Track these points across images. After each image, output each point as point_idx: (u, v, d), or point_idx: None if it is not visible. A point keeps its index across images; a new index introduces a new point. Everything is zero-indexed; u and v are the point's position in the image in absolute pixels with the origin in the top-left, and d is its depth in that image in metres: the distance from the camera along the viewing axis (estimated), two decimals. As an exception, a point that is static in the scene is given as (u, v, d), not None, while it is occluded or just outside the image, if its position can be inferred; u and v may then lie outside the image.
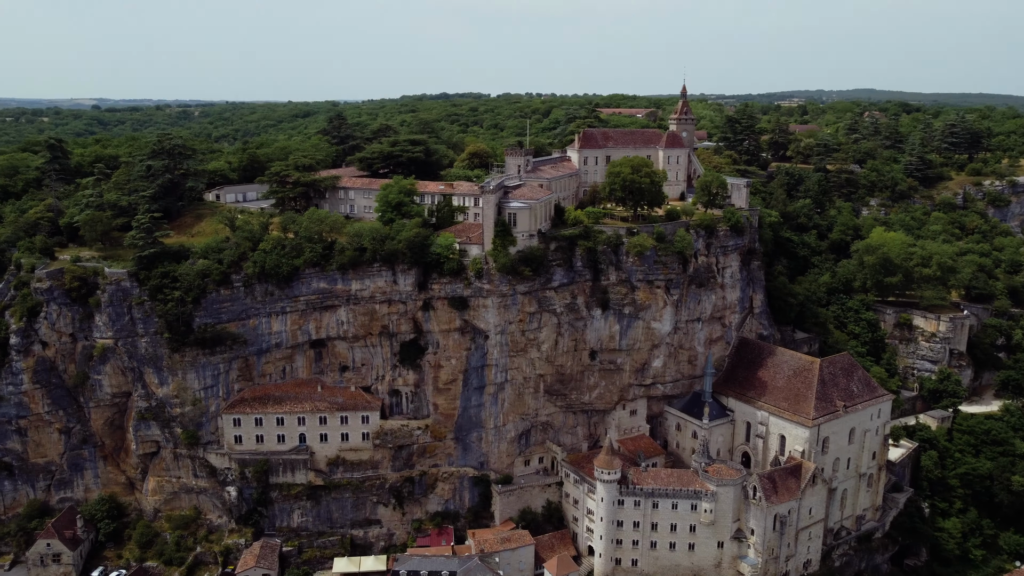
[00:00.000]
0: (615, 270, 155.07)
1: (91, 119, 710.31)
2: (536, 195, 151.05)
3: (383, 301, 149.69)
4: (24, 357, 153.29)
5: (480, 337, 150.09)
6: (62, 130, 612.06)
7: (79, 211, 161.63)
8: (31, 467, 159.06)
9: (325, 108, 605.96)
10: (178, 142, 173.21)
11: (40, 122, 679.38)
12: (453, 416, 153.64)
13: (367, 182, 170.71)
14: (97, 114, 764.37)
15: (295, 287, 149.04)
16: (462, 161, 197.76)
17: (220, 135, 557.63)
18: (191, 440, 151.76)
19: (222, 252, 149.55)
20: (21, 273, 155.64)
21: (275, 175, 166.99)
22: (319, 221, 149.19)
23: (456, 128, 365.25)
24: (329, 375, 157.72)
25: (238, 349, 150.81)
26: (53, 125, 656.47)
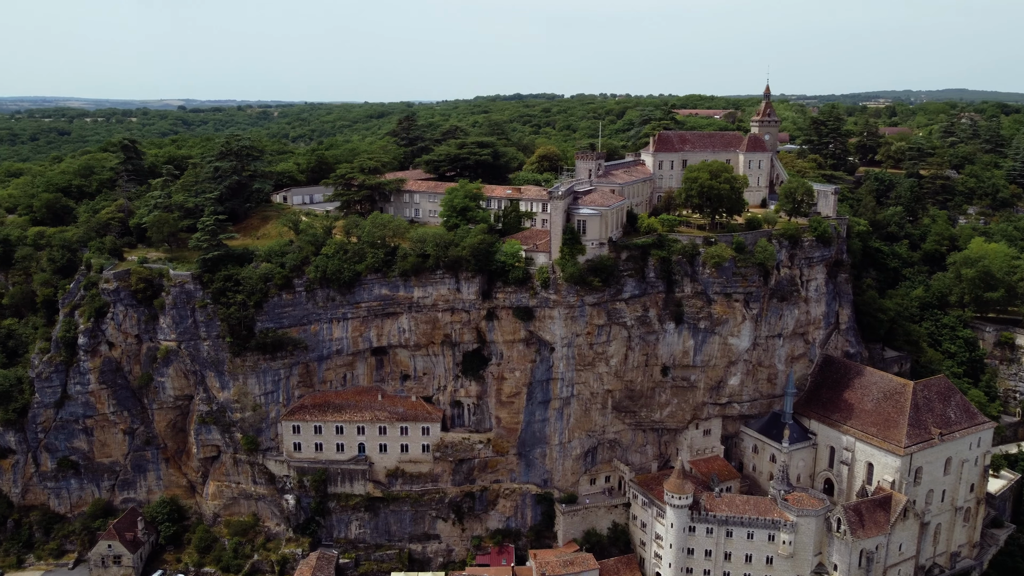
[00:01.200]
0: (690, 282, 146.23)
1: (176, 119, 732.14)
2: (607, 201, 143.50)
3: (446, 309, 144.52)
4: (91, 357, 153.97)
5: (546, 349, 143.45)
6: (148, 130, 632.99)
7: (147, 212, 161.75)
8: (96, 466, 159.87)
9: (399, 109, 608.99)
10: (246, 143, 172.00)
11: (129, 122, 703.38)
12: (516, 430, 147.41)
13: (433, 185, 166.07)
14: (182, 114, 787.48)
15: (357, 293, 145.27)
16: (531, 164, 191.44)
17: (297, 135, 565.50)
18: (251, 446, 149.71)
19: (285, 256, 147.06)
20: (91, 273, 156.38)
21: (340, 177, 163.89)
22: (382, 226, 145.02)
23: (528, 129, 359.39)
24: (390, 384, 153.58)
25: (299, 355, 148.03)
26: (140, 125, 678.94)
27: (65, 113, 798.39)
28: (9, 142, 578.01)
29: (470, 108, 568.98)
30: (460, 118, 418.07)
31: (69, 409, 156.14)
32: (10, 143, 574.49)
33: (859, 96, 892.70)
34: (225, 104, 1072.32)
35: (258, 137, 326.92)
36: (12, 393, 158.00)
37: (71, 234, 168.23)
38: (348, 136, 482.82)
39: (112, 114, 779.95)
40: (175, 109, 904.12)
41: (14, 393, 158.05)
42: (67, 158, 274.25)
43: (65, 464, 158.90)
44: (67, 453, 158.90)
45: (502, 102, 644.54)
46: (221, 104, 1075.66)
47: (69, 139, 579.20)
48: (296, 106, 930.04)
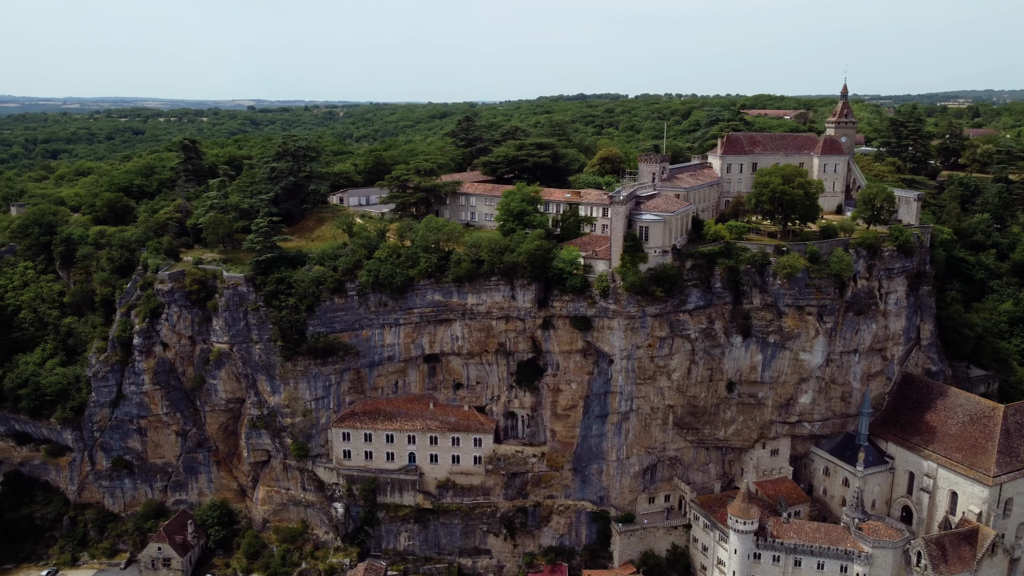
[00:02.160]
0: (759, 293, 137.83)
1: (244, 119, 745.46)
2: (671, 207, 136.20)
3: (500, 317, 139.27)
4: (145, 357, 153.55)
5: (604, 361, 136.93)
6: (218, 129, 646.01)
7: (204, 213, 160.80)
8: (149, 467, 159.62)
9: (462, 109, 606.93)
10: (302, 144, 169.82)
11: (200, 122, 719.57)
12: (572, 445, 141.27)
13: (489, 188, 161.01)
14: (251, 114, 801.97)
15: (409, 298, 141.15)
16: (592, 167, 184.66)
17: (360, 135, 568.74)
18: (300, 452, 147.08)
19: (338, 259, 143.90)
20: (147, 273, 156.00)
21: (395, 179, 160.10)
22: (436, 229, 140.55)
23: (590, 130, 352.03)
24: (442, 392, 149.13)
25: (350, 360, 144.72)
26: (211, 125, 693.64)
27: (140, 113, 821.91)
28: (87, 141, 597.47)
29: (532, 108, 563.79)
30: (522, 118, 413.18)
31: (124, 409, 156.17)
32: (88, 142, 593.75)
33: (937, 96, 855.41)
34: (293, 104, 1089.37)
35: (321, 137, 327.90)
36: (70, 392, 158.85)
37: (130, 234, 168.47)
38: (410, 136, 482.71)
39: (184, 114, 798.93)
40: (244, 109, 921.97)
41: (72, 392, 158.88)
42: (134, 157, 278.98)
43: (119, 464, 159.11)
44: (121, 453, 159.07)
45: (565, 102, 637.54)
46: (289, 104, 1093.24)
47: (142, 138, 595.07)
48: (361, 106, 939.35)
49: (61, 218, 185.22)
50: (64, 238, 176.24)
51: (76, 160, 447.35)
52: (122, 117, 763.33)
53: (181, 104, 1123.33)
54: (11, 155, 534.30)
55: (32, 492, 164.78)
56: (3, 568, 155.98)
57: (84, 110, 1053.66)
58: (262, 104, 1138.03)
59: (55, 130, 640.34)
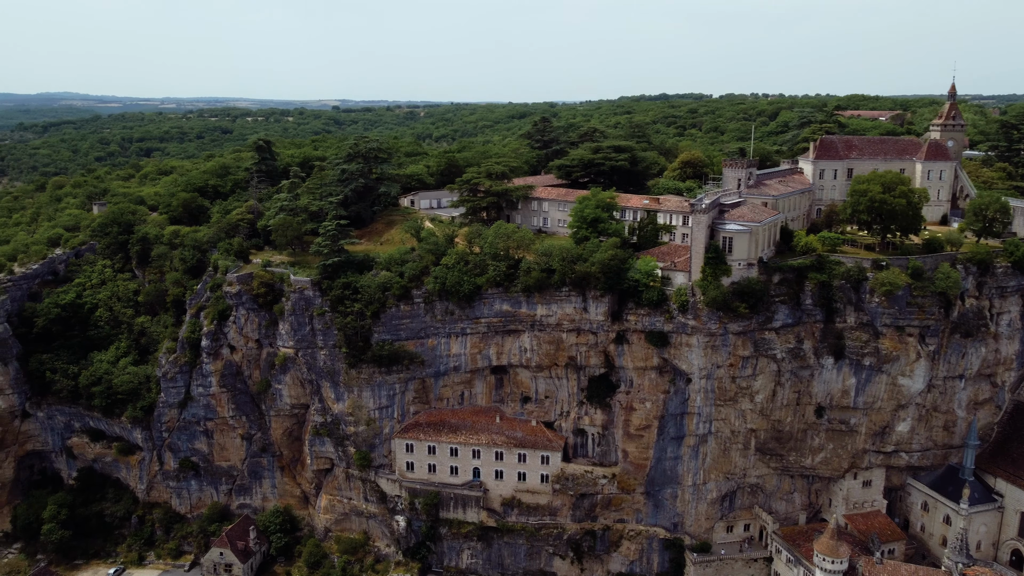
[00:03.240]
0: (854, 311, 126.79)
1: (328, 119, 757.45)
2: (758, 216, 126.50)
3: (571, 330, 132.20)
4: (213, 360, 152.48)
5: (681, 380, 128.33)
6: (302, 128, 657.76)
7: (274, 214, 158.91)
8: (215, 469, 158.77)
9: (541, 109, 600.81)
10: (373, 145, 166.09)
11: (285, 121, 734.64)
12: (645, 467, 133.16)
13: (563, 193, 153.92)
14: (334, 114, 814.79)
15: (476, 308, 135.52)
16: (673, 171, 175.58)
17: (440, 135, 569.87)
18: (363, 462, 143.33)
19: (404, 265, 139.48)
20: (216, 275, 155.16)
21: (465, 183, 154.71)
22: (505, 236, 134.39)
23: (671, 131, 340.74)
24: (509, 405, 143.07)
25: (415, 369, 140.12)
26: (296, 124, 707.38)
27: (230, 113, 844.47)
28: (178, 140, 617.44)
29: (613, 109, 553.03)
30: (602, 119, 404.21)
31: (191, 410, 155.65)
32: (179, 141, 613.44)
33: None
34: (376, 104, 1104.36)
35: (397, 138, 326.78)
36: (141, 391, 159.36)
37: (202, 234, 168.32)
38: (489, 136, 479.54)
39: (271, 113, 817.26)
40: (329, 109, 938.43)
41: (142, 391, 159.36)
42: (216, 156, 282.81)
43: (186, 465, 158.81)
44: (188, 454, 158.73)
45: (646, 102, 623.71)
46: (372, 104, 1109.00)
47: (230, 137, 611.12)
48: (442, 106, 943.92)
49: (139, 217, 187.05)
50: (140, 237, 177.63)
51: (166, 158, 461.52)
52: (212, 116, 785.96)
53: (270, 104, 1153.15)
54: (108, 153, 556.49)
55: (104, 489, 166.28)
56: (74, 563, 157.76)
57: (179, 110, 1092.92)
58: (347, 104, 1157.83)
59: (149, 129, 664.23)
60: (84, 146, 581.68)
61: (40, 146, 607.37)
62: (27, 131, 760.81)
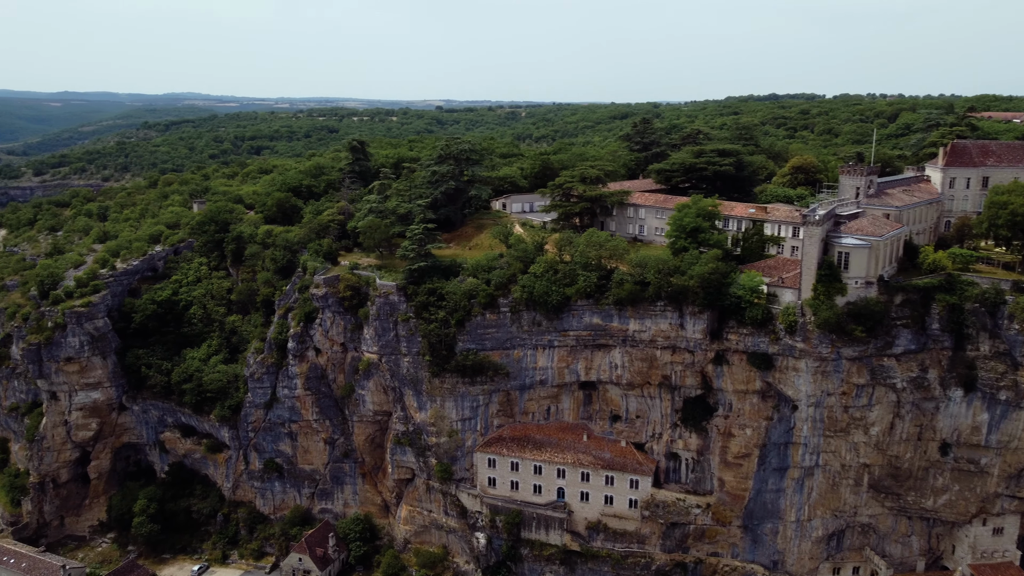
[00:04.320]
0: (989, 338, 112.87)
1: (431, 119, 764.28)
2: (879, 229, 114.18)
3: (665, 347, 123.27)
4: (299, 362, 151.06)
5: (786, 406, 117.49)
6: (405, 128, 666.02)
7: (363, 216, 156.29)
8: (298, 472, 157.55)
9: (644, 110, 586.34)
10: (465, 147, 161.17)
11: (389, 121, 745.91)
12: (743, 498, 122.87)
13: (661, 199, 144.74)
14: (437, 114, 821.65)
15: (565, 319, 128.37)
16: (782, 177, 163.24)
17: (540, 135, 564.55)
18: (444, 474, 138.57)
19: (492, 272, 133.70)
20: (305, 276, 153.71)
21: (557, 187, 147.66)
22: (597, 245, 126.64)
23: (781, 133, 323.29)
24: (598, 423, 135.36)
25: (500, 381, 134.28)
26: (399, 124, 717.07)
27: (338, 112, 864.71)
28: (287, 138, 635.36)
29: (719, 109, 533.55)
30: (706, 120, 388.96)
31: (277, 412, 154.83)
32: (288, 139, 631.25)
33: None
34: (479, 104, 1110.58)
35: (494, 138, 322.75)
36: (229, 390, 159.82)
37: (293, 235, 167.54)
38: (589, 137, 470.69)
39: (377, 113, 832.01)
40: (432, 109, 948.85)
41: (231, 390, 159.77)
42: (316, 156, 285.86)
43: (271, 466, 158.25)
44: (273, 455, 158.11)
45: (754, 103, 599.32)
46: (475, 104, 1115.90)
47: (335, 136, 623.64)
48: (543, 107, 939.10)
49: (236, 216, 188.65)
50: (235, 236, 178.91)
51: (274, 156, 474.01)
52: (321, 116, 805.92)
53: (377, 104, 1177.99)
54: (221, 151, 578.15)
55: (192, 485, 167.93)
56: (161, 557, 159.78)
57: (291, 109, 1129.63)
58: (450, 104, 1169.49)
59: (260, 128, 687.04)
60: (200, 144, 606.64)
61: (161, 144, 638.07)
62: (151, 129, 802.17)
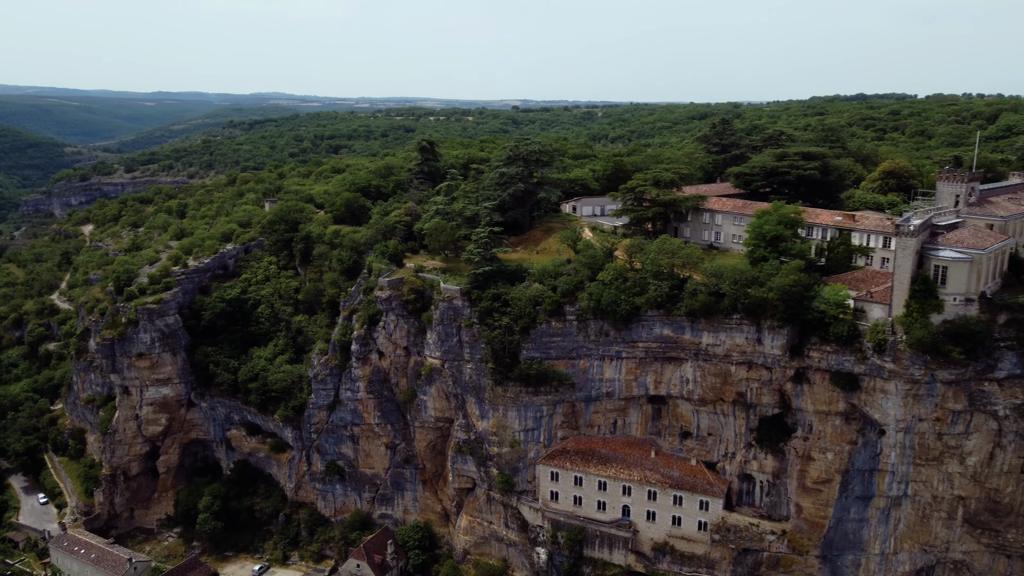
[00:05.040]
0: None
1: (507, 119, 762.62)
2: (981, 242, 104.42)
3: (741, 363, 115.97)
4: (362, 364, 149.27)
5: (872, 430, 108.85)
6: (480, 128, 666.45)
7: (429, 218, 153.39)
8: (359, 476, 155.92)
9: (724, 110, 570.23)
10: (535, 148, 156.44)
11: (465, 121, 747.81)
12: (822, 527, 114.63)
13: (739, 205, 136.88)
14: (513, 114, 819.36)
15: (634, 330, 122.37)
16: (872, 182, 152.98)
17: (616, 136, 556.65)
18: (505, 485, 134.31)
19: (558, 278, 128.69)
20: (370, 278, 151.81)
21: (629, 190, 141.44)
22: (670, 253, 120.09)
23: (869, 134, 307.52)
24: (667, 439, 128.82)
25: (564, 392, 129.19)
26: (475, 124, 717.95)
27: (415, 112, 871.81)
28: (364, 138, 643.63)
29: (803, 109, 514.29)
30: (790, 121, 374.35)
31: (339, 414, 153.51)
32: (365, 138, 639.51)
33: None
34: (555, 104, 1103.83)
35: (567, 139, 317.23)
36: (293, 390, 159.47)
37: (361, 235, 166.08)
38: (666, 138, 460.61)
39: (453, 113, 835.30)
40: (508, 109, 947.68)
41: (295, 391, 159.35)
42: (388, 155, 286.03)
43: (332, 468, 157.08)
44: (335, 457, 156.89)
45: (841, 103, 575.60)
46: (551, 104, 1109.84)
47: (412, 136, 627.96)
48: (620, 107, 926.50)
49: (306, 215, 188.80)
50: (304, 236, 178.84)
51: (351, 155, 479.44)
52: (398, 116, 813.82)
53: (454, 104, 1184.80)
54: (301, 149, 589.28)
55: (256, 484, 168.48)
56: (224, 555, 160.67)
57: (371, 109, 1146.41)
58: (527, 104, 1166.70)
59: (339, 127, 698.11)
60: (280, 143, 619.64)
61: (244, 142, 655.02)
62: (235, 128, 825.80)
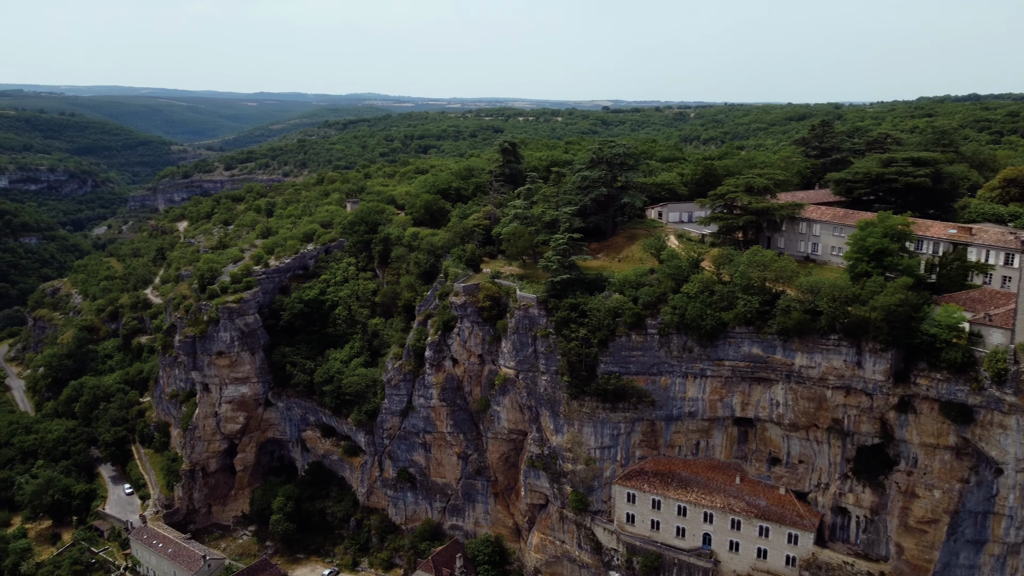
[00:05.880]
0: None
1: (596, 120, 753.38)
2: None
3: (838, 387, 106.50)
4: (435, 371, 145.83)
5: (987, 469, 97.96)
6: (569, 129, 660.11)
7: (507, 222, 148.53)
8: (430, 484, 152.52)
9: (824, 111, 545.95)
10: (619, 151, 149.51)
11: (554, 122, 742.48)
12: (927, 571, 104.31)
13: (840, 214, 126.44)
14: (603, 115, 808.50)
15: (720, 347, 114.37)
16: (990, 191, 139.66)
17: (708, 138, 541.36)
18: (579, 504, 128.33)
19: (640, 288, 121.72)
20: (446, 283, 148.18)
21: (719, 197, 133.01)
22: (761, 265, 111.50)
23: (984, 138, 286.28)
24: (753, 464, 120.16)
25: (644, 409, 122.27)
26: (564, 124, 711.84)
27: (504, 112, 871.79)
28: (453, 138, 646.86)
29: (909, 111, 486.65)
30: (895, 122, 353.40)
31: (412, 420, 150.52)
32: (453, 139, 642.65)
33: None
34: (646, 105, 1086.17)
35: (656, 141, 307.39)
36: (367, 394, 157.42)
37: (438, 238, 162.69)
38: (761, 140, 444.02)
39: (542, 113, 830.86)
40: (599, 110, 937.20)
41: (369, 395, 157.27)
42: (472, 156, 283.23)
43: (404, 476, 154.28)
44: (406, 464, 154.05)
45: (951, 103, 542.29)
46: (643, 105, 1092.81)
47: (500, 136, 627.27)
48: (714, 107, 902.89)
49: (386, 217, 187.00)
50: (383, 237, 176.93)
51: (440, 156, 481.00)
52: (488, 116, 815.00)
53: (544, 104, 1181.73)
54: (391, 149, 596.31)
55: (329, 487, 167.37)
56: (295, 556, 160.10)
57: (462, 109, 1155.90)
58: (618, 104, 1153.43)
59: (429, 127, 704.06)
60: (372, 143, 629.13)
61: (336, 141, 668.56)
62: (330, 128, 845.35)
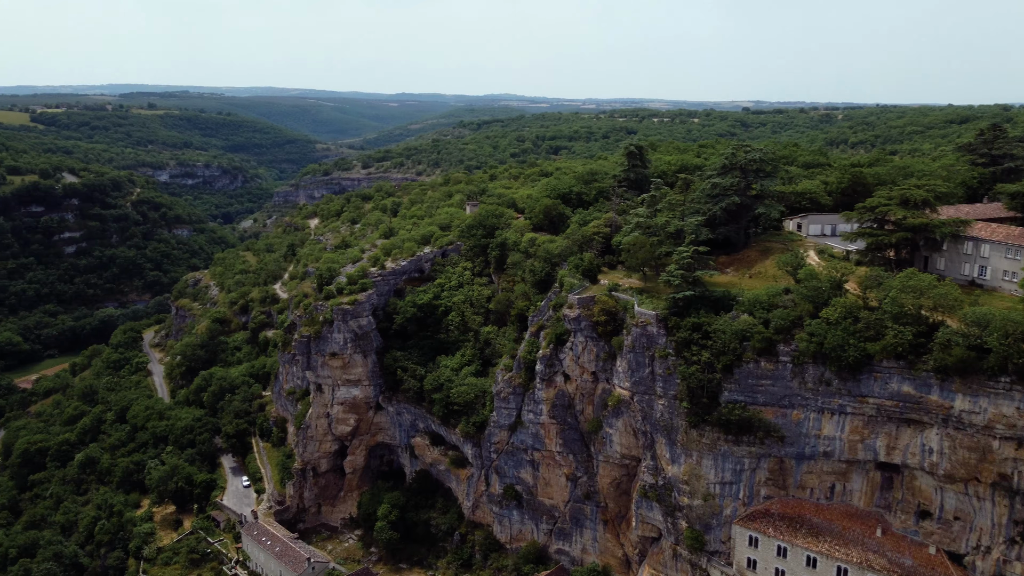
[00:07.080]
0: None
1: (735, 121, 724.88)
2: None
3: (1007, 437, 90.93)
4: (546, 386, 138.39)
5: None
6: (706, 131, 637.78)
7: (628, 231, 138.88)
8: (537, 504, 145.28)
9: (990, 113, 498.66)
10: (755, 156, 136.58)
11: (690, 123, 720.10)
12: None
13: (1015, 233, 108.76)
14: (742, 116, 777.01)
15: (863, 382, 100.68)
16: None
17: (856, 141, 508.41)
18: (694, 543, 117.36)
19: (772, 311, 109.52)
20: (561, 293, 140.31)
21: (868, 210, 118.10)
22: (917, 291, 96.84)
23: None
24: (898, 516, 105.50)
25: (771, 445, 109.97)
26: (701, 126, 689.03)
27: (639, 113, 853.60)
28: (585, 139, 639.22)
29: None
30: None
31: (520, 436, 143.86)
32: (585, 140, 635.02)
33: None
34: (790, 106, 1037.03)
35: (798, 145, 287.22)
36: (476, 405, 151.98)
37: (556, 245, 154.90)
38: (917, 144, 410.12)
39: (679, 114, 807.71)
40: (738, 111, 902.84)
41: (477, 406, 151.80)
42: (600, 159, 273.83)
43: (510, 493, 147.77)
44: (513, 481, 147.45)
45: None
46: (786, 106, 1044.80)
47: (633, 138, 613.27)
48: (864, 108, 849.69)
49: (504, 221, 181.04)
50: (499, 242, 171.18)
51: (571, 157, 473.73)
52: (621, 117, 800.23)
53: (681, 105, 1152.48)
54: (522, 150, 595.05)
55: (434, 497, 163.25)
56: (398, 566, 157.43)
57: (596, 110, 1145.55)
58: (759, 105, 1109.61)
59: (561, 128, 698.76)
60: (503, 143, 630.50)
61: (469, 141, 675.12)
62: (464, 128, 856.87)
